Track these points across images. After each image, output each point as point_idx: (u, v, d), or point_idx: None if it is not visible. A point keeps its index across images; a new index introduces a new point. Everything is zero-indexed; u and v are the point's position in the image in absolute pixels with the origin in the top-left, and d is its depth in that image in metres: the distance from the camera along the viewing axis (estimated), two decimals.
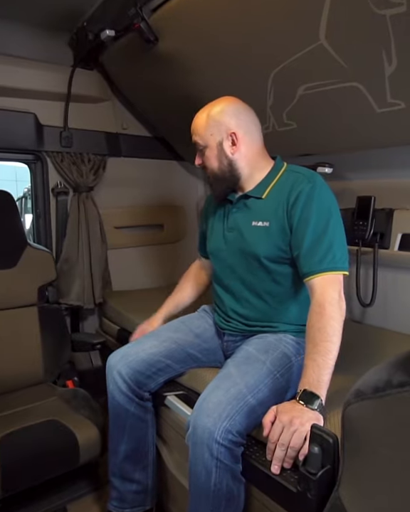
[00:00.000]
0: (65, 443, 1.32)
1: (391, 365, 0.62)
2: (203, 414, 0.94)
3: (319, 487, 0.68)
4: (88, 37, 1.73)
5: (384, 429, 0.59)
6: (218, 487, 0.93)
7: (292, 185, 1.11)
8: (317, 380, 0.91)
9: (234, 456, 0.94)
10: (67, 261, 1.93)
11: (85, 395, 1.54)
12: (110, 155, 2.06)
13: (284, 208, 1.11)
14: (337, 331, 0.97)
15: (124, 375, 1.20)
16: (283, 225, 1.11)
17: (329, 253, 1.04)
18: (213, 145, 1.16)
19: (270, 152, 1.26)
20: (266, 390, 1.00)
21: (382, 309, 1.59)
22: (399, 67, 1.07)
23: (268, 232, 1.13)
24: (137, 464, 1.27)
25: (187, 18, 1.35)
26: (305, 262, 1.06)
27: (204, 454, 0.92)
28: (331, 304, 0.99)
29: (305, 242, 1.06)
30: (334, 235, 1.06)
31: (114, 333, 1.88)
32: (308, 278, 1.05)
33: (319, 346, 0.95)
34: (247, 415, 0.94)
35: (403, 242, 1.46)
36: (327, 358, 0.93)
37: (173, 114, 1.93)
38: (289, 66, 1.26)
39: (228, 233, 1.22)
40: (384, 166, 1.51)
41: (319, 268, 1.03)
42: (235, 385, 0.99)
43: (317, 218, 1.06)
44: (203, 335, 1.32)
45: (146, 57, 1.63)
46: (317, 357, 0.94)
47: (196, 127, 1.18)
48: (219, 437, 0.90)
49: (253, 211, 1.17)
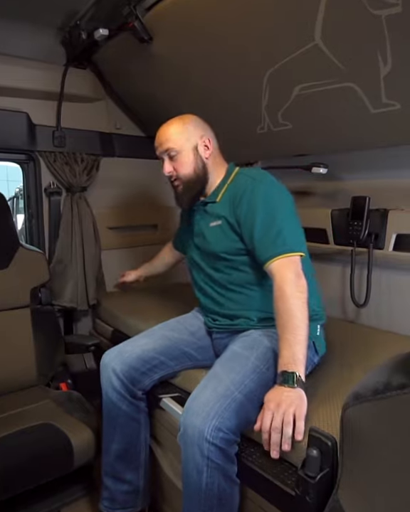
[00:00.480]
0: (59, 446, 1.30)
1: (390, 367, 0.62)
2: (192, 414, 0.95)
3: (318, 490, 0.67)
4: (81, 36, 1.71)
5: (384, 431, 0.59)
6: (209, 487, 0.93)
7: (239, 186, 1.21)
8: (292, 357, 0.95)
9: (227, 456, 0.93)
10: (60, 262, 1.91)
11: (79, 397, 1.52)
12: (104, 155, 2.04)
13: (231, 206, 1.20)
14: (300, 306, 1.01)
15: (118, 371, 1.21)
16: (232, 222, 1.19)
17: (279, 238, 1.10)
18: (189, 149, 1.23)
19: (266, 153, 1.26)
20: (253, 385, 1.02)
21: (376, 309, 1.59)
22: (394, 67, 1.07)
23: (222, 230, 1.21)
24: (129, 464, 1.26)
25: (182, 18, 1.34)
26: (259, 251, 1.12)
27: (195, 454, 0.92)
28: (288, 285, 1.04)
29: (255, 233, 1.13)
30: (282, 222, 1.12)
31: (109, 334, 1.86)
32: (265, 266, 1.11)
33: (286, 326, 0.99)
34: (236, 411, 0.95)
35: (397, 243, 1.46)
36: (297, 333, 0.97)
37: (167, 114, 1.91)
38: (284, 66, 1.26)
39: (196, 239, 1.31)
40: (378, 167, 1.51)
41: (272, 253, 1.09)
42: (221, 383, 1.01)
43: (263, 210, 1.13)
44: (197, 333, 1.35)
45: (140, 56, 1.62)
46: (288, 335, 0.98)
47: (168, 134, 1.24)
48: (209, 436, 0.91)
49: (210, 214, 1.26)
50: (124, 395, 1.22)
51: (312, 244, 1.71)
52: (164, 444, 1.33)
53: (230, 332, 1.26)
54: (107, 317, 1.93)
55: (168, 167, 1.24)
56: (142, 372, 1.23)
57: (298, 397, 0.91)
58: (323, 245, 1.67)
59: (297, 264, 1.09)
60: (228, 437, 0.93)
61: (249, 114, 1.57)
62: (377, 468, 0.60)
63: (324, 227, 1.67)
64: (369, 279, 1.53)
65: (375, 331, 1.56)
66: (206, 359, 1.31)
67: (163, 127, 1.26)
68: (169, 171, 1.24)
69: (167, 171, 1.24)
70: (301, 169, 1.67)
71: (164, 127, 1.26)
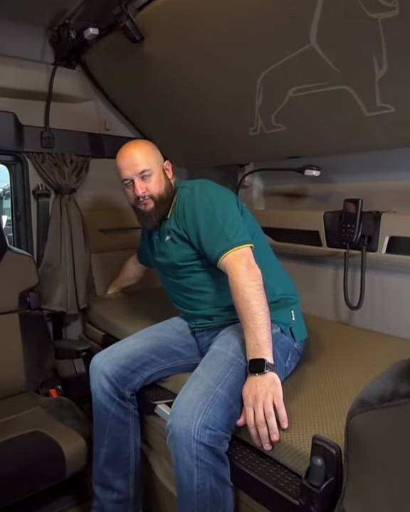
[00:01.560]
0: (51, 455, 1.26)
1: (396, 374, 0.61)
2: (178, 416, 0.95)
3: (323, 500, 0.66)
4: (70, 35, 1.68)
5: (391, 439, 0.58)
6: (201, 488, 0.92)
7: (182, 200, 1.28)
8: (256, 344, 0.99)
9: (217, 455, 0.93)
10: (49, 265, 1.87)
11: (70, 404, 1.49)
12: (93, 156, 2.01)
13: (176, 219, 1.27)
14: (254, 294, 1.05)
15: (107, 372, 1.22)
16: (180, 233, 1.25)
17: (222, 235, 1.15)
18: (160, 171, 1.31)
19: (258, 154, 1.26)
20: (232, 378, 1.02)
21: (369, 311, 1.59)
22: (390, 71, 1.07)
23: (174, 242, 1.28)
24: (118, 471, 1.25)
25: (174, 18, 1.32)
26: (209, 252, 1.18)
27: (184, 456, 0.92)
28: (239, 276, 1.08)
29: (202, 236, 1.19)
30: (222, 220, 1.17)
31: (99, 339, 1.83)
32: (218, 264, 1.16)
33: (245, 314, 1.03)
34: (219, 406, 0.95)
35: (390, 245, 1.47)
36: (256, 320, 1.01)
37: (158, 115, 1.90)
38: (279, 68, 1.25)
39: (158, 258, 1.38)
40: (371, 169, 1.52)
41: (220, 251, 1.14)
42: (202, 381, 1.02)
43: (202, 211, 1.20)
44: (184, 332, 1.39)
45: (131, 56, 1.60)
46: (248, 323, 1.02)
47: (142, 157, 1.27)
48: (196, 435, 0.91)
49: (164, 230, 1.33)
50: (112, 396, 1.22)
51: (305, 247, 1.72)
52: (158, 449, 1.31)
53: (210, 329, 1.31)
54: (98, 321, 1.90)
55: (141, 186, 1.26)
56: (132, 370, 1.24)
57: (271, 382, 0.95)
58: (316, 247, 1.67)
59: (246, 256, 1.12)
60: (216, 434, 0.92)
61: (242, 115, 1.56)
62: (383, 477, 0.59)
63: (316, 230, 1.67)
64: (363, 282, 1.54)
65: (368, 332, 1.56)
66: (194, 356, 1.34)
67: (129, 151, 1.29)
68: (143, 191, 1.27)
69: (142, 191, 1.26)
70: (294, 171, 1.67)
71: (130, 150, 1.29)
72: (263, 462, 0.93)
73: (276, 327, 1.20)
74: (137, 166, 1.26)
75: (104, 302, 1.98)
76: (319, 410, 0.98)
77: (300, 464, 0.85)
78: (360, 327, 1.63)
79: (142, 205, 1.30)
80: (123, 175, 1.28)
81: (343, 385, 1.10)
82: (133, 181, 1.27)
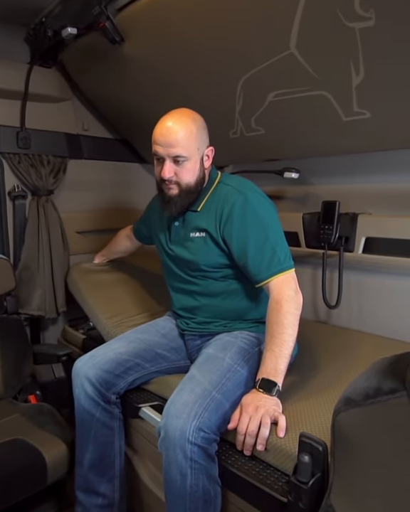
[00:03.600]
0: (32, 463, 1.24)
1: (378, 371, 0.63)
2: (173, 417, 0.95)
3: (310, 496, 0.68)
4: (47, 33, 1.65)
5: (375, 435, 0.60)
6: (194, 489, 0.93)
7: (224, 198, 1.18)
8: (274, 368, 1.00)
9: (208, 455, 0.94)
10: (26, 269, 1.83)
11: (50, 409, 1.46)
12: (71, 157, 1.97)
13: (217, 221, 1.17)
14: (293, 324, 1.06)
15: (91, 376, 1.19)
16: (217, 236, 1.17)
17: (275, 258, 1.12)
18: (197, 158, 1.17)
19: (237, 157, 1.28)
20: (229, 384, 1.04)
21: (347, 310, 1.64)
22: (366, 78, 1.11)
23: (206, 243, 1.20)
24: (103, 475, 1.23)
25: (155, 20, 1.32)
26: (254, 271, 1.13)
27: (178, 457, 0.92)
28: (287, 301, 1.07)
29: (249, 253, 1.13)
30: (275, 239, 1.14)
31: (79, 342, 1.80)
32: (261, 284, 1.13)
33: (275, 338, 1.04)
34: (215, 410, 0.96)
35: (366, 246, 1.52)
36: (283, 348, 1.02)
37: (137, 116, 1.89)
38: (259, 73, 1.27)
39: (173, 246, 1.28)
40: (348, 172, 1.56)
41: (269, 273, 1.11)
42: (199, 384, 1.02)
43: (255, 229, 1.13)
44: (169, 334, 1.35)
45: (110, 57, 1.58)
46: (274, 347, 1.03)
47: (182, 140, 1.12)
48: (191, 437, 0.91)
49: (190, 223, 1.23)
50: (97, 401, 1.20)
51: None
52: (143, 453, 1.31)
53: (203, 335, 1.29)
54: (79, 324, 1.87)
55: (170, 170, 1.14)
56: (115, 375, 1.21)
57: (276, 404, 0.96)
58: (295, 248, 1.70)
59: (294, 280, 1.12)
60: (209, 436, 0.93)
61: (222, 118, 1.57)
62: (369, 472, 0.62)
63: (296, 231, 1.70)
64: (341, 281, 1.58)
65: (347, 331, 1.61)
66: (179, 359, 1.32)
67: (171, 127, 1.12)
68: (171, 175, 1.15)
69: (168, 175, 1.14)
70: (273, 173, 1.70)
71: (172, 127, 1.12)
72: (249, 461, 0.95)
73: None
74: (172, 148, 1.12)
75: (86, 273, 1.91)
76: (304, 408, 1.01)
77: (286, 462, 0.87)
78: (338, 326, 1.67)
79: (165, 188, 1.19)
80: (155, 148, 1.15)
81: (326, 383, 1.13)
82: (164, 160, 1.14)
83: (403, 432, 0.55)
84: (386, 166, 1.46)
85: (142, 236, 1.64)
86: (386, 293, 1.51)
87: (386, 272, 1.49)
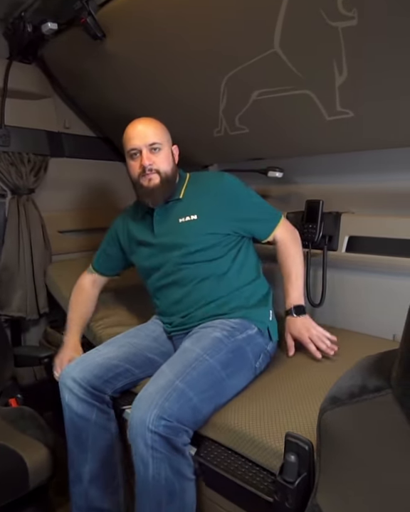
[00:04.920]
0: (13, 468, 1.20)
1: (363, 370, 0.63)
2: (136, 409, 0.96)
3: (296, 495, 0.68)
4: (26, 28, 1.61)
5: (361, 433, 0.60)
6: (157, 478, 0.92)
7: (205, 182, 1.35)
8: (299, 296, 1.31)
9: (173, 447, 0.93)
10: (6, 269, 1.79)
11: (32, 413, 1.42)
12: (52, 155, 1.94)
13: (215, 198, 1.29)
14: (301, 256, 1.36)
15: (79, 380, 1.16)
16: (217, 211, 1.28)
17: (271, 211, 1.37)
18: (169, 149, 1.30)
19: (222, 156, 1.28)
20: (194, 373, 1.03)
21: (331, 308, 1.65)
22: (349, 78, 1.11)
23: (198, 224, 1.27)
24: (106, 487, 1.16)
25: (138, 16, 1.31)
26: (260, 225, 1.36)
27: (139, 446, 0.92)
28: (291, 241, 1.37)
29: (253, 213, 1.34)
30: (261, 199, 1.39)
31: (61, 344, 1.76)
32: (269, 237, 1.36)
33: (291, 271, 1.32)
34: (176, 399, 0.96)
35: (349, 244, 1.53)
36: (299, 279, 1.32)
37: (119, 114, 1.86)
38: (243, 71, 1.27)
39: (158, 238, 1.32)
40: (331, 172, 1.57)
41: (273, 224, 1.36)
42: (164, 376, 1.03)
43: (247, 194, 1.35)
44: (159, 338, 1.35)
45: (91, 53, 1.56)
46: (293, 279, 1.31)
47: (155, 130, 1.26)
48: (151, 425, 0.91)
49: (175, 211, 1.31)
50: (91, 403, 1.16)
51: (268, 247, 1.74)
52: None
53: (185, 332, 1.28)
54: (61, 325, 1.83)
55: (149, 158, 1.23)
56: (105, 380, 1.18)
57: (310, 319, 1.30)
58: None
59: (287, 221, 1.41)
60: (172, 425, 0.93)
61: (206, 117, 1.56)
62: (354, 470, 0.62)
63: None
64: (324, 280, 1.59)
65: (331, 329, 1.60)
66: None
67: (142, 122, 1.27)
68: (150, 162, 1.23)
69: (148, 162, 1.23)
70: (257, 173, 1.70)
71: (143, 122, 1.27)
72: (235, 461, 0.94)
73: (253, 327, 1.22)
74: (147, 137, 1.23)
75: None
76: (289, 408, 1.00)
77: (271, 461, 0.87)
78: (322, 324, 1.68)
79: (145, 180, 1.25)
80: (131, 144, 1.25)
81: (312, 382, 1.13)
82: (141, 152, 1.24)
83: (388, 430, 0.55)
84: (368, 165, 1.47)
85: (108, 267, 1.53)
86: (369, 291, 1.53)
87: (368, 271, 1.51)
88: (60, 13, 1.48)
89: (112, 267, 1.53)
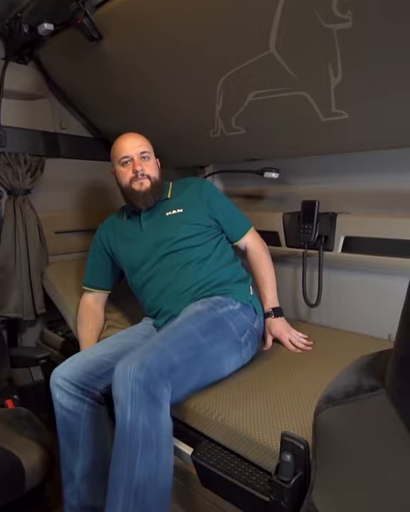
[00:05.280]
0: (9, 469, 1.20)
1: (359, 369, 0.64)
2: (120, 363, 1.01)
3: (292, 494, 0.68)
4: (23, 29, 1.61)
5: (355, 432, 0.61)
6: (134, 425, 0.93)
7: (189, 184, 1.51)
8: (274, 298, 1.44)
9: (151, 396, 0.94)
10: (2, 270, 1.78)
11: (28, 414, 1.43)
12: (48, 156, 1.93)
13: (197, 196, 1.45)
14: (271, 264, 1.50)
15: (69, 378, 1.17)
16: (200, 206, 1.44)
17: (242, 217, 1.53)
18: (154, 159, 1.47)
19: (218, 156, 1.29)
20: (174, 335, 1.12)
21: (326, 309, 1.66)
22: (344, 79, 1.12)
23: (184, 216, 1.42)
24: (99, 485, 1.14)
25: (135, 18, 1.31)
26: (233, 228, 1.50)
27: (119, 394, 0.96)
28: (263, 250, 1.51)
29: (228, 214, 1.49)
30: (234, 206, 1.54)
31: (58, 345, 1.77)
32: (240, 239, 1.51)
33: (267, 277, 1.46)
34: (157, 354, 1.02)
35: (345, 245, 1.54)
36: (273, 283, 1.46)
37: (115, 114, 1.86)
38: (239, 72, 1.27)
39: (146, 232, 1.44)
40: (327, 172, 1.58)
41: (244, 230, 1.51)
42: (147, 341, 1.12)
43: (224, 200, 1.52)
44: (150, 336, 1.35)
45: (88, 55, 1.56)
46: (267, 285, 1.45)
47: (143, 141, 1.44)
48: (131, 373, 0.95)
49: (163, 207, 1.46)
50: (81, 398, 1.17)
51: None
52: None
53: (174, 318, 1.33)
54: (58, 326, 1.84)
55: (141, 164, 1.39)
56: (96, 376, 1.19)
57: (286, 322, 1.43)
58: (276, 248, 1.71)
59: (256, 232, 1.55)
60: (151, 376, 0.95)
61: (203, 118, 1.57)
62: (350, 469, 0.62)
63: (276, 230, 1.71)
64: (320, 280, 1.60)
65: (326, 329, 1.62)
66: None
67: (130, 134, 1.44)
68: (141, 167, 1.38)
69: (140, 167, 1.38)
70: (253, 173, 1.70)
71: (132, 134, 1.44)
72: (230, 461, 0.95)
73: (234, 303, 1.29)
74: (138, 147, 1.40)
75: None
76: (284, 407, 1.01)
77: (268, 461, 0.87)
78: (318, 324, 1.69)
79: (137, 185, 1.40)
80: (123, 153, 1.39)
81: (307, 382, 1.14)
82: (132, 160, 1.39)
83: (382, 429, 0.55)
84: (363, 166, 1.48)
85: (100, 279, 1.57)
86: (364, 291, 1.54)
87: (364, 271, 1.52)
88: (56, 14, 1.47)
89: (103, 278, 1.57)
